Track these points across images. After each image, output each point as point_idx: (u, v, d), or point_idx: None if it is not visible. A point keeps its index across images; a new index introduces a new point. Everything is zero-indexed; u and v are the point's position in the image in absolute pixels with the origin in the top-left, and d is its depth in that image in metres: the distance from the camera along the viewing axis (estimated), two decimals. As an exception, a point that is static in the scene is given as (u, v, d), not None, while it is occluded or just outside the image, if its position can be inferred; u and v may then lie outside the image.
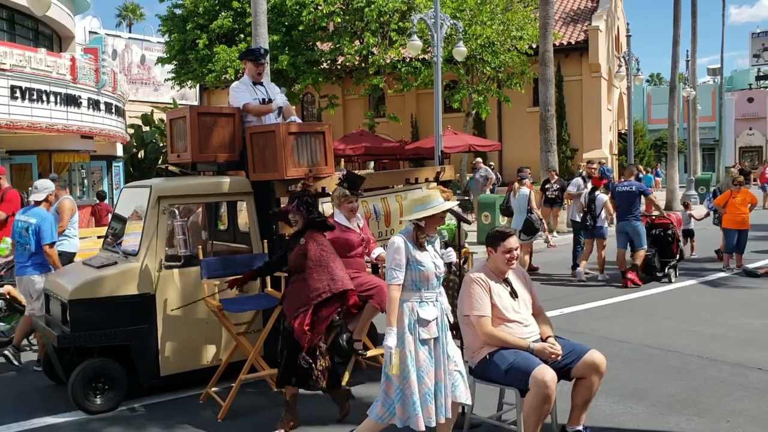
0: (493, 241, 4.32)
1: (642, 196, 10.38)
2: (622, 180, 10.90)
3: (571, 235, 11.93)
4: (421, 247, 4.07)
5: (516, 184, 11.34)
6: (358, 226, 5.74)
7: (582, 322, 7.91)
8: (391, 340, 3.93)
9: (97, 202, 16.03)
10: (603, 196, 10.68)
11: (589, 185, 11.08)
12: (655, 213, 11.17)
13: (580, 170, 12.61)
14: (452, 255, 4.25)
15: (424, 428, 3.93)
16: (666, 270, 10.52)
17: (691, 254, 12.80)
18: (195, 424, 5.05)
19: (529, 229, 10.97)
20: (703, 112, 39.27)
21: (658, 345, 6.82)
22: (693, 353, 6.49)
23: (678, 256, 10.79)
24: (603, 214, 10.62)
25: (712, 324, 7.69)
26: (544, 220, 11.69)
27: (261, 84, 6.42)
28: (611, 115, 29.46)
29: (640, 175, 17.55)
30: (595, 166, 11.89)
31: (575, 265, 11.08)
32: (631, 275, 10.07)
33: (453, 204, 4.20)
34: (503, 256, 4.28)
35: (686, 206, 13.72)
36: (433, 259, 4.10)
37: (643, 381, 5.73)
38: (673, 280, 10.42)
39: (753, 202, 11.40)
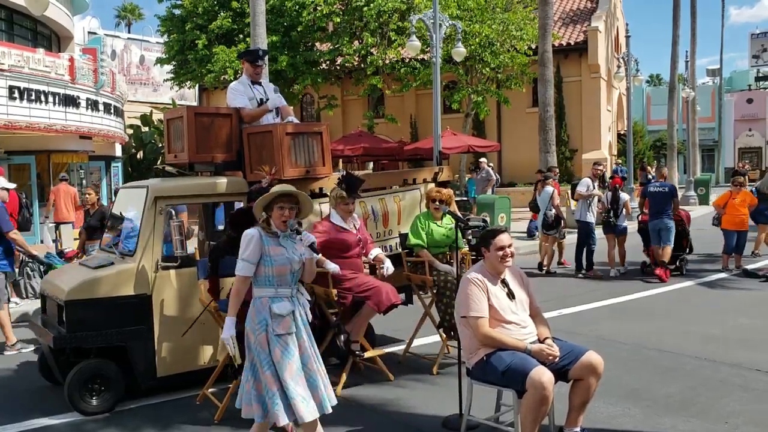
0: (486, 241, 4.31)
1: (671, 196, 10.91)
2: (655, 180, 11.71)
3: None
4: (276, 241, 4.06)
5: (539, 184, 12.43)
6: (355, 227, 5.74)
7: (579, 323, 7.89)
8: (227, 331, 4.00)
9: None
10: (625, 195, 11.36)
11: (596, 185, 11.52)
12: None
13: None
14: (310, 236, 4.25)
15: (274, 423, 3.93)
16: (678, 263, 11.04)
17: None
18: (192, 424, 5.03)
19: (546, 225, 11.75)
20: (703, 113, 39.30)
21: (655, 346, 6.80)
22: (691, 354, 6.47)
23: (687, 249, 11.30)
24: (624, 212, 11.22)
25: (710, 325, 7.68)
26: (564, 218, 12.25)
27: (260, 84, 6.41)
28: (610, 116, 29.45)
29: (649, 176, 18.27)
30: (601, 167, 12.22)
31: (588, 265, 11.27)
32: (659, 271, 10.59)
33: (283, 190, 4.13)
34: (496, 254, 4.27)
35: None
36: (290, 254, 4.07)
37: (640, 382, 5.71)
38: (684, 272, 11.00)
39: (752, 203, 11.45)
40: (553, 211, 11.64)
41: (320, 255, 5.46)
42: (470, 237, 10.69)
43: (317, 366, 4.08)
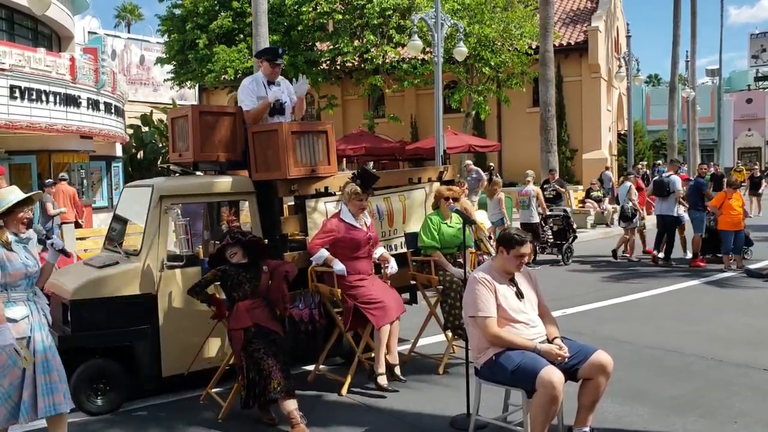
0: (510, 243, 4.25)
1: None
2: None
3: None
4: (7, 247, 4.05)
5: (621, 178, 14.49)
6: (365, 224, 5.68)
7: (583, 322, 7.86)
8: (5, 340, 3.91)
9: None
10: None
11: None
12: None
13: (664, 168, 14.34)
14: (60, 242, 4.34)
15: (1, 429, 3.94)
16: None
17: None
18: (196, 424, 5.01)
19: (623, 217, 13.02)
20: (702, 113, 39.34)
21: (660, 345, 6.79)
22: (696, 354, 6.46)
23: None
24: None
25: (714, 324, 7.67)
26: (640, 210, 13.28)
27: (275, 84, 6.23)
28: (611, 116, 29.44)
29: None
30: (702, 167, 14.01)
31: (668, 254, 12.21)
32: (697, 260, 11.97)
33: (21, 197, 4.14)
34: (514, 260, 4.25)
35: None
36: (24, 259, 4.09)
37: (646, 382, 5.69)
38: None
39: (742, 205, 11.68)
40: (630, 204, 12.86)
41: (329, 254, 5.44)
42: (552, 226, 12.31)
43: (41, 374, 4.05)
